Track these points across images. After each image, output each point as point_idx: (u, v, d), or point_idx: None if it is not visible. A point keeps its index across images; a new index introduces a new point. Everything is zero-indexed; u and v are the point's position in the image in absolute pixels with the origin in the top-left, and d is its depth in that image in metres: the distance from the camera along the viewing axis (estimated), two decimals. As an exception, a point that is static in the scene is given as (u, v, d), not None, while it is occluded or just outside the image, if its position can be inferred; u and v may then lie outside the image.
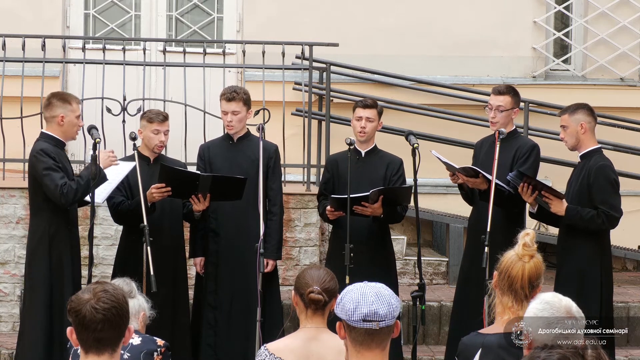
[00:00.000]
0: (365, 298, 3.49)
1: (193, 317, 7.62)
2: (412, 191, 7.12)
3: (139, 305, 5.29)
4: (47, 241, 6.95)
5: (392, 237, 7.38)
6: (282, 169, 8.15)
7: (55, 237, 6.97)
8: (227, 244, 7.51)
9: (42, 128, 7.53)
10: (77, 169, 10.25)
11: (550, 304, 3.79)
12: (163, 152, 7.63)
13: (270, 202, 7.54)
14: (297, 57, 9.90)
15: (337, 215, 7.27)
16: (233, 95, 7.46)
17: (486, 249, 6.70)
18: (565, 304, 3.80)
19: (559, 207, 6.89)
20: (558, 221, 7.05)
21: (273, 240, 7.48)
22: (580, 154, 7.04)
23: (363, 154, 7.44)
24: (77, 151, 10.02)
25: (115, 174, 7.06)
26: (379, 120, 7.45)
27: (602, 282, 6.86)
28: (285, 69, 9.35)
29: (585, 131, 6.94)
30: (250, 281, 7.32)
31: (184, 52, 9.35)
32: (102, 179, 6.83)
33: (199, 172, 7.36)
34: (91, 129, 7.06)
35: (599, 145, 7.06)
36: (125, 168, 7.13)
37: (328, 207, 7.28)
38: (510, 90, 7.41)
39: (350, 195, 7.06)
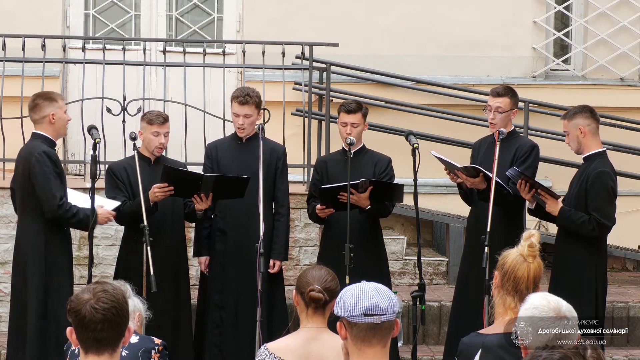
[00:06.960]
0: (365, 293, 3.51)
1: (198, 316, 7.60)
2: (403, 190, 7.19)
3: (134, 306, 5.29)
4: (43, 241, 6.93)
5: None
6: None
7: (52, 236, 6.94)
8: (234, 244, 7.47)
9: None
10: (77, 168, 10.29)
11: (538, 309, 3.79)
12: (163, 153, 7.61)
13: (278, 204, 7.51)
14: (297, 57, 9.90)
15: (328, 212, 7.26)
16: (246, 99, 7.41)
17: (486, 249, 6.70)
18: (553, 305, 3.79)
19: (554, 207, 6.89)
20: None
21: (280, 242, 7.46)
22: (583, 157, 7.02)
23: (352, 154, 7.43)
24: (77, 151, 10.01)
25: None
26: (364, 122, 7.46)
27: (598, 286, 6.86)
28: (285, 69, 9.35)
29: (585, 134, 6.90)
30: (256, 281, 7.30)
31: (184, 52, 9.34)
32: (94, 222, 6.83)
33: (201, 172, 7.34)
34: (91, 129, 7.04)
35: (603, 148, 7.00)
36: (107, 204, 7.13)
37: (318, 206, 7.27)
38: (508, 92, 7.38)
39: (341, 184, 7.08)
